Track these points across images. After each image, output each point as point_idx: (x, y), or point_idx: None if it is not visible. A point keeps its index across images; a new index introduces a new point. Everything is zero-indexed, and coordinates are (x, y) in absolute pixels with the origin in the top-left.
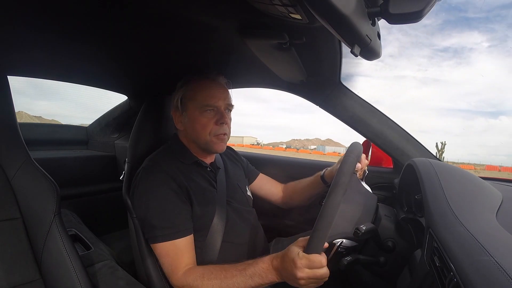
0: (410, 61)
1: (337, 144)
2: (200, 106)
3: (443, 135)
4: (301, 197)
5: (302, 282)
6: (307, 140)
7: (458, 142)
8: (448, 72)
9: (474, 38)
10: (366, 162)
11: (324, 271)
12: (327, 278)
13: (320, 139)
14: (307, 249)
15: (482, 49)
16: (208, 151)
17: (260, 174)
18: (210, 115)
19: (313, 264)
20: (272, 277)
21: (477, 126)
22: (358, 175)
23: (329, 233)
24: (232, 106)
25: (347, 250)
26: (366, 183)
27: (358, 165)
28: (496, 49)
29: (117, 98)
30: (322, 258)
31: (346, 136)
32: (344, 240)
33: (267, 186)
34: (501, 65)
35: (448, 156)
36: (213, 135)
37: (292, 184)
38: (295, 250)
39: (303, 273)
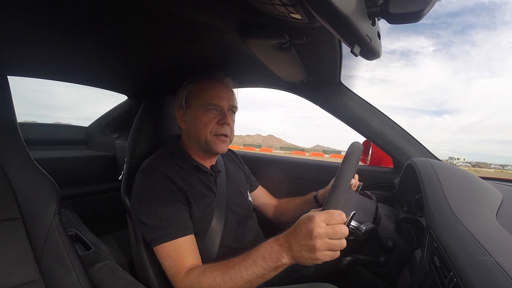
0: (358, 62)
1: (278, 140)
2: (204, 105)
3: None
4: (292, 214)
5: (318, 243)
6: (248, 136)
7: (357, 134)
8: (395, 73)
9: (420, 42)
10: (359, 182)
11: (344, 228)
12: (345, 243)
13: (261, 135)
14: (324, 207)
15: (427, 52)
16: (208, 151)
17: (260, 186)
18: (213, 114)
19: (333, 217)
20: (277, 256)
21: (422, 123)
22: (353, 188)
23: (345, 196)
24: (236, 108)
25: (355, 231)
26: (365, 185)
27: (352, 180)
28: (440, 53)
29: (54, 93)
30: (341, 213)
31: (288, 132)
32: (353, 220)
33: (264, 200)
34: (445, 68)
35: None
36: (213, 135)
37: (285, 200)
38: (310, 213)
39: (320, 228)
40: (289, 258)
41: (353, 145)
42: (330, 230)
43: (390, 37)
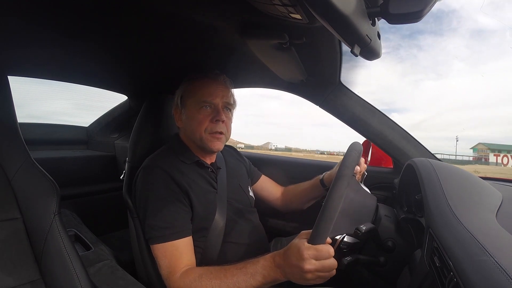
0: None
1: None
2: (198, 103)
3: (341, 128)
4: (300, 201)
5: (309, 276)
6: None
7: (356, 134)
8: (345, 74)
9: None
10: (365, 166)
11: (332, 261)
12: (334, 272)
13: None
14: (311, 240)
15: None
16: (204, 149)
17: (262, 175)
18: (207, 112)
19: (321, 254)
20: (274, 275)
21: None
22: (357, 178)
23: (331, 227)
24: (231, 105)
25: (349, 247)
26: (365, 184)
27: (357, 168)
28: (389, 55)
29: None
30: (329, 248)
31: (236, 130)
32: (346, 237)
33: (269, 189)
34: (393, 69)
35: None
36: (208, 133)
37: (291, 187)
38: (300, 242)
39: (310, 264)
40: (285, 278)
41: (344, 164)
42: (319, 266)
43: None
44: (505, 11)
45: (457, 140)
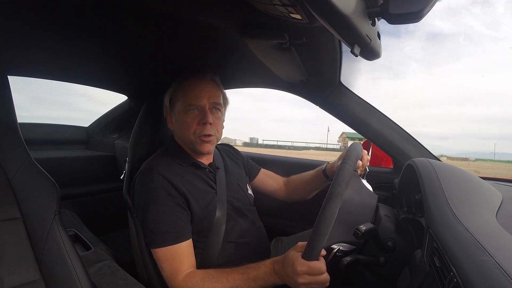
0: None
1: None
2: (184, 106)
3: (301, 124)
4: (303, 191)
5: (302, 287)
6: None
7: (313, 129)
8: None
9: None
10: (368, 158)
11: (324, 277)
12: (328, 284)
13: None
14: (305, 256)
15: None
16: (195, 151)
17: (262, 169)
18: (194, 114)
19: (313, 271)
20: (274, 280)
21: (330, 116)
22: (358, 173)
23: (326, 239)
24: (220, 104)
25: (345, 254)
26: (366, 182)
27: (359, 162)
28: (347, 53)
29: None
30: (321, 265)
31: None
32: (341, 246)
33: (270, 181)
34: (351, 67)
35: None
36: (197, 136)
37: (294, 177)
38: (295, 255)
39: (303, 279)
40: (284, 283)
41: (337, 180)
42: (311, 280)
43: None
44: (463, 17)
45: (328, 131)
